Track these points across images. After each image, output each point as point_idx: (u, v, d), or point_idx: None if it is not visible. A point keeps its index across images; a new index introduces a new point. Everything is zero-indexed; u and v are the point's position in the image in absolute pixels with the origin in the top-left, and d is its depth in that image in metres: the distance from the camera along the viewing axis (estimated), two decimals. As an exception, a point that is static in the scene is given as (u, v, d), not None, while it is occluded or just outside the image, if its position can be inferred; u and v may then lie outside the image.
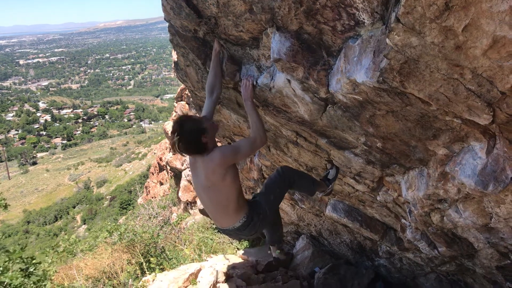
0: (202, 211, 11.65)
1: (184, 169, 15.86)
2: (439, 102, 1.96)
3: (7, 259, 4.54)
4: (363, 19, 2.00)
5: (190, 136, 2.92)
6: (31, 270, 4.75)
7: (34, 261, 4.76)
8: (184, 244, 8.24)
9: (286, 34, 2.52)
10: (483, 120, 1.92)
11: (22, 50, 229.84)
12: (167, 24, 3.64)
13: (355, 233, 5.51)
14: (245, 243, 8.56)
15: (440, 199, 2.97)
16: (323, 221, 6.16)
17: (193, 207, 14.86)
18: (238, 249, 8.41)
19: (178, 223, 10.14)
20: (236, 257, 7.33)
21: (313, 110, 2.93)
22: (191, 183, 14.28)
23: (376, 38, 1.97)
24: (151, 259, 6.63)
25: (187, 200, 15.22)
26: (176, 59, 4.32)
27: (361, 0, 1.90)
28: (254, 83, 3.24)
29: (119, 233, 7.74)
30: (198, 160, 3.07)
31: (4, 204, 5.02)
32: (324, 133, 3.31)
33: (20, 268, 4.69)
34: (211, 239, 8.50)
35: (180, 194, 15.63)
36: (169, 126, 17.40)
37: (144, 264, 6.59)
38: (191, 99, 5.89)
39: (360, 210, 4.80)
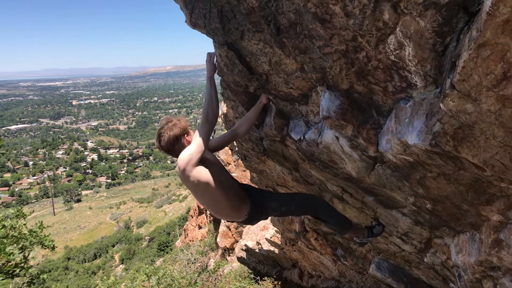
0: (240, 259, 11.50)
1: (224, 215, 15.81)
2: (494, 168, 1.90)
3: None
4: (416, 81, 2.01)
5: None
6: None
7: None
8: (221, 293, 8.13)
9: (336, 93, 2.55)
10: (543, 189, 1.85)
11: (76, 91, 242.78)
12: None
13: (399, 294, 5.28)
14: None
15: (493, 266, 2.82)
16: (365, 279, 5.95)
17: (230, 254, 14.70)
18: (275, 302, 8.19)
19: (216, 270, 10.05)
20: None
21: (361, 168, 2.91)
22: (229, 229, 14.21)
23: (429, 101, 1.97)
24: (188, 306, 6.56)
25: (225, 246, 15.08)
26: (225, 111, 4.44)
27: (414, 63, 1.92)
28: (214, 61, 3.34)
29: (157, 277, 7.75)
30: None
31: (52, 246, 5.18)
32: (371, 191, 3.26)
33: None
34: (248, 289, 8.34)
35: (218, 239, 15.53)
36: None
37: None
38: (236, 148, 5.99)
39: (406, 271, 4.61)
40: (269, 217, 3.61)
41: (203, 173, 2.96)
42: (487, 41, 1.37)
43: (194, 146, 2.95)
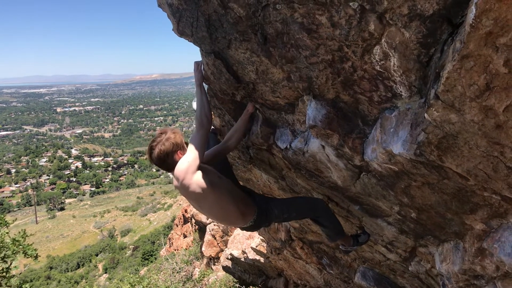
0: (225, 268, 11.43)
1: (209, 223, 15.75)
2: (477, 178, 1.93)
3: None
4: (401, 91, 2.03)
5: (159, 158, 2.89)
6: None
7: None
8: (206, 302, 8.06)
9: (322, 102, 2.56)
10: (525, 198, 1.88)
11: (60, 99, 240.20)
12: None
13: (384, 303, 5.29)
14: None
15: (477, 275, 2.85)
16: (350, 288, 5.95)
17: (215, 263, 14.61)
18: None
19: (201, 280, 9.97)
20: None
21: (346, 177, 2.92)
22: (215, 238, 14.14)
23: (414, 111, 1.99)
24: (172, 316, 6.50)
25: (210, 255, 14.99)
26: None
27: (399, 73, 1.94)
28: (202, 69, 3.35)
29: (141, 286, 7.66)
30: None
31: (35, 255, 5.08)
32: (356, 200, 3.28)
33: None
34: (233, 299, 8.29)
35: (203, 248, 15.42)
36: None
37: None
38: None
39: (391, 279, 4.63)
40: None
41: (204, 179, 2.88)
42: (470, 53, 1.40)
43: (191, 153, 2.88)
